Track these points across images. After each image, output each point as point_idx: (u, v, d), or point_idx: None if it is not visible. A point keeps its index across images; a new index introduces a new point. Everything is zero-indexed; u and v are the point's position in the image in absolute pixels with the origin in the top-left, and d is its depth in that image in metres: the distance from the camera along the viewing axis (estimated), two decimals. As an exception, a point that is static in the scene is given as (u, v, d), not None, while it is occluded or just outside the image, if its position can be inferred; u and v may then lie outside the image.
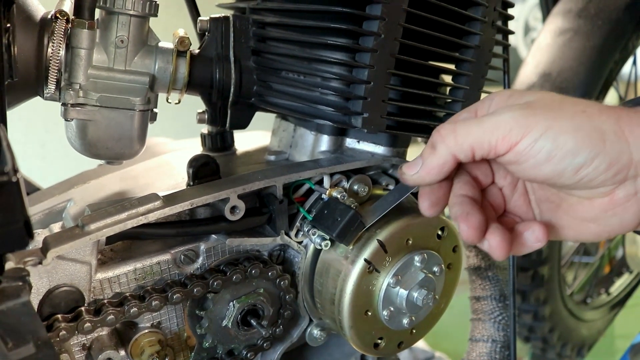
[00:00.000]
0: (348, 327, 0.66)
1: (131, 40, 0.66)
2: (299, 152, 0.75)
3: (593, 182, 0.45)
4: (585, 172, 0.44)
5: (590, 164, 0.44)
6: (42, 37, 0.63)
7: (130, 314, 0.58)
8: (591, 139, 0.44)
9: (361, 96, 0.65)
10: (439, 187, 0.52)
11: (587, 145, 0.44)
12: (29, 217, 0.42)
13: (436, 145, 0.49)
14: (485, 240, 0.48)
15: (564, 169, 0.45)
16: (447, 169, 0.49)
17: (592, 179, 0.45)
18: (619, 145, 0.44)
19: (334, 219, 0.63)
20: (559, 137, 0.44)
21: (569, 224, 0.50)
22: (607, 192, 0.46)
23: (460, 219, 0.48)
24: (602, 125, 0.44)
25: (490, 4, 0.72)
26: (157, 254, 0.62)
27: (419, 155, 0.51)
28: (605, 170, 0.44)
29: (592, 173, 0.44)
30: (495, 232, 0.47)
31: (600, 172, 0.44)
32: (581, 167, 0.44)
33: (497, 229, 0.47)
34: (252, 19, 0.71)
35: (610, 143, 0.44)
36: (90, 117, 0.66)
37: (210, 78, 0.70)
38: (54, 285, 0.57)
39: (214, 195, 0.60)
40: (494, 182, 0.54)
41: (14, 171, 0.40)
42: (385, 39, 0.63)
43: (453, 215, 0.49)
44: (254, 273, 0.63)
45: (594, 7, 1.23)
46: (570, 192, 0.49)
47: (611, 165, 0.44)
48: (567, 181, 0.46)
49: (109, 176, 0.79)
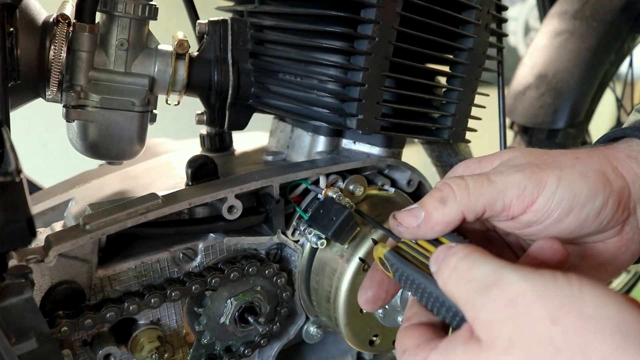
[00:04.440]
0: (344, 325, 0.67)
1: (131, 43, 0.67)
2: (296, 152, 0.76)
3: (610, 222, 0.45)
4: (605, 214, 0.44)
5: (607, 204, 0.44)
6: (44, 40, 0.64)
7: (130, 311, 0.59)
8: (600, 181, 0.44)
9: (356, 98, 0.66)
10: (379, 286, 0.49)
11: (600, 188, 0.43)
12: (31, 216, 0.43)
13: (447, 200, 0.44)
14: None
15: (586, 217, 0.44)
16: (452, 227, 0.45)
17: (610, 219, 0.45)
18: (620, 182, 0.44)
19: (329, 219, 0.64)
20: (573, 185, 0.43)
21: (587, 274, 0.48)
22: (618, 231, 0.46)
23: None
24: (600, 167, 0.44)
25: (484, 7, 0.73)
26: (156, 252, 0.63)
27: (416, 205, 0.46)
28: (617, 208, 0.44)
29: (609, 214, 0.44)
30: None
31: (614, 211, 0.44)
32: (601, 210, 0.44)
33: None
34: (250, 22, 0.72)
35: (613, 181, 0.44)
36: (91, 118, 0.67)
37: (208, 80, 0.72)
38: (55, 282, 0.58)
39: (211, 195, 0.61)
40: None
41: (17, 172, 0.41)
42: (379, 42, 0.65)
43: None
44: (251, 271, 0.65)
45: (589, 9, 1.25)
46: (585, 241, 0.48)
47: (620, 202, 0.44)
48: (589, 229, 0.45)
49: (109, 176, 0.80)
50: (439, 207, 0.45)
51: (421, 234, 0.45)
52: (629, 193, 0.45)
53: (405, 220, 0.46)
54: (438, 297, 0.41)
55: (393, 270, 0.46)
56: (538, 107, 1.23)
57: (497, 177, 0.44)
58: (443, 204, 0.44)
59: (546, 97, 1.23)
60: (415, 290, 0.44)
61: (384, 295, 0.49)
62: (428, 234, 0.45)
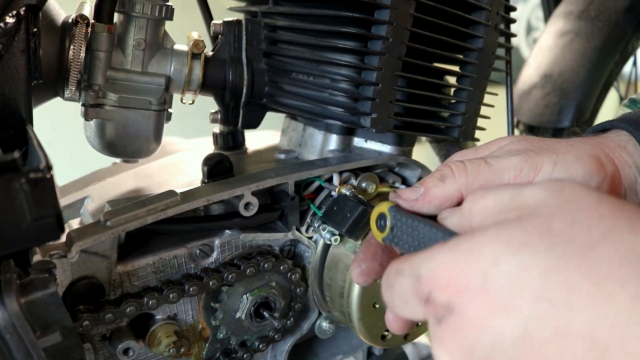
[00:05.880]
0: (357, 320, 0.69)
1: (148, 43, 0.68)
2: (308, 150, 0.78)
3: None
4: None
5: (602, 188, 0.44)
6: (64, 40, 0.65)
7: (149, 306, 0.60)
8: (595, 165, 0.44)
9: (370, 97, 0.68)
10: (373, 258, 0.49)
11: (594, 171, 0.44)
12: (60, 211, 0.44)
13: (446, 178, 0.46)
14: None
15: None
16: (449, 203, 0.46)
17: None
18: (612, 167, 0.45)
19: (343, 215, 0.66)
20: (569, 168, 0.44)
21: None
22: None
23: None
24: (593, 152, 0.45)
25: (493, 8, 0.74)
26: (173, 249, 0.64)
27: (418, 184, 0.48)
28: (610, 192, 0.44)
29: None
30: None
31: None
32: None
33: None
34: (264, 22, 0.73)
35: (606, 166, 0.45)
36: (108, 117, 0.68)
37: (223, 79, 0.73)
38: (76, 277, 0.59)
39: (229, 192, 0.62)
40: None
41: (48, 168, 0.42)
42: (392, 42, 0.66)
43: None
44: (266, 267, 0.66)
45: (594, 10, 1.26)
46: None
47: (613, 186, 0.45)
48: None
49: (123, 174, 0.81)
50: (438, 184, 0.46)
51: (419, 206, 0.47)
52: (620, 179, 0.46)
53: (404, 193, 0.48)
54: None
55: (392, 225, 0.46)
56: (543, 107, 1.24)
57: (494, 160, 0.46)
58: (442, 181, 0.46)
59: (552, 96, 1.24)
60: (411, 243, 0.44)
61: (378, 268, 0.49)
62: (425, 207, 0.47)
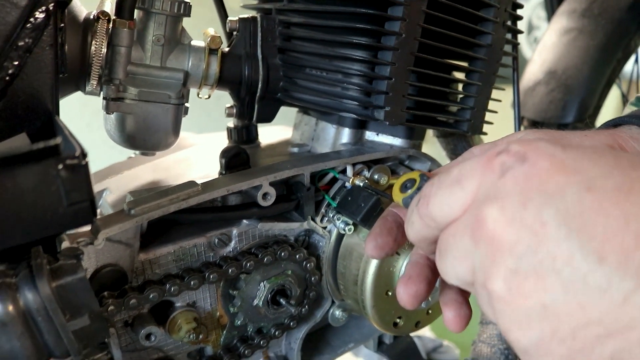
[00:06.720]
0: (370, 307, 0.71)
1: (167, 38, 0.70)
2: (320, 144, 0.80)
3: None
4: None
5: None
6: (86, 36, 0.67)
7: (171, 292, 0.62)
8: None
9: (384, 91, 0.70)
10: (388, 233, 0.50)
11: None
12: (94, 197, 0.46)
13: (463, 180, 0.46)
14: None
15: None
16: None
17: None
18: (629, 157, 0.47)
19: (357, 205, 0.68)
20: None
21: None
22: None
23: (400, 282, 0.48)
24: (608, 142, 0.46)
25: (501, 5, 0.76)
26: (193, 238, 0.66)
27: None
28: None
29: None
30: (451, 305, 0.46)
31: None
32: None
33: (454, 302, 0.46)
34: (279, 19, 0.75)
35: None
36: (129, 110, 0.70)
37: (239, 74, 0.75)
38: (100, 265, 0.61)
39: (248, 183, 0.64)
40: None
41: (83, 155, 0.45)
42: (405, 38, 0.68)
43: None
44: (283, 255, 0.68)
45: (597, 7, 1.28)
46: None
47: None
48: None
49: (141, 167, 0.83)
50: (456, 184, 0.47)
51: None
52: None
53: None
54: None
55: (419, 185, 0.47)
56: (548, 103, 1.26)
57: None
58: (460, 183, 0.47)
59: (556, 92, 1.26)
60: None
61: (392, 243, 0.50)
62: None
